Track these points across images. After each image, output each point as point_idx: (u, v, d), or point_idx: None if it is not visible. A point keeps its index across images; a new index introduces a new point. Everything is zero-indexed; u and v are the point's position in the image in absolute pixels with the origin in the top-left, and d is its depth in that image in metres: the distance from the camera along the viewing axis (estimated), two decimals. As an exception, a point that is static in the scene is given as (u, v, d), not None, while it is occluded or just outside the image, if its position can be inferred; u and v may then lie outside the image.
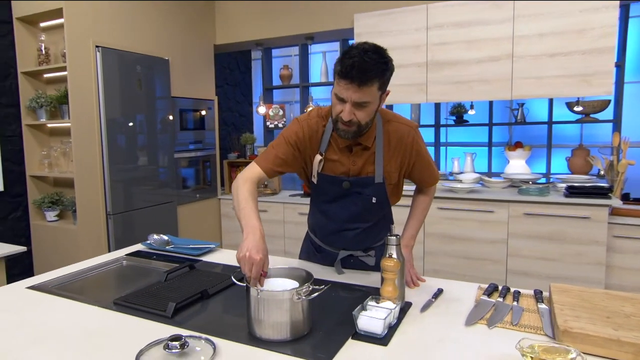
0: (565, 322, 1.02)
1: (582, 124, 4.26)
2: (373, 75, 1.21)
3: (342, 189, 1.45)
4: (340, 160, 1.44)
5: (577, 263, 2.96)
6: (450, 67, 3.26)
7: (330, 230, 1.57)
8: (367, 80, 1.21)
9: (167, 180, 3.52)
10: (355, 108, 1.26)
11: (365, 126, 1.32)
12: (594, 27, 2.88)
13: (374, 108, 1.30)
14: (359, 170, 1.44)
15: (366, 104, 1.26)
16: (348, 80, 1.22)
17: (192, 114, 3.81)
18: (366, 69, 1.20)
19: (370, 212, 1.50)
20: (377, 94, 1.27)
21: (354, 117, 1.28)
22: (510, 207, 3.09)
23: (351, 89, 1.23)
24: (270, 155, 1.43)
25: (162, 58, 3.46)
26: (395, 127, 1.43)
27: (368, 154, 1.43)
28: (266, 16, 3.99)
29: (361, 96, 1.23)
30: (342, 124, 1.31)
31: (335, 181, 1.45)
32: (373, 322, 1.07)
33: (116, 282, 1.65)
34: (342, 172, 1.45)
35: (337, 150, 1.44)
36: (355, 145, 1.41)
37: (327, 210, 1.54)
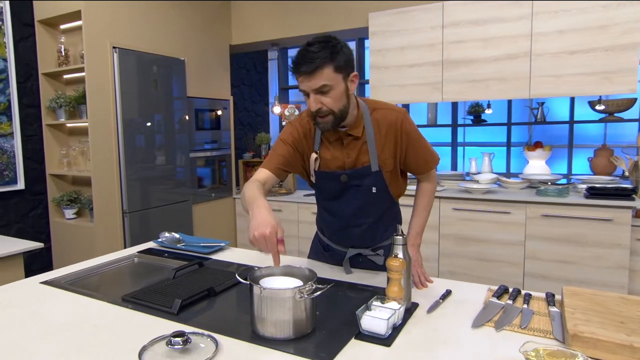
0: (575, 326, 0.99)
1: (606, 124, 4.15)
2: (320, 61, 1.23)
3: (340, 183, 1.46)
4: (334, 155, 1.45)
5: (598, 267, 2.87)
6: (467, 66, 3.20)
7: (336, 228, 1.56)
8: (316, 67, 1.23)
9: (183, 180, 3.57)
10: (319, 96, 1.28)
11: (340, 113, 1.32)
12: (617, 22, 2.79)
13: (339, 92, 1.29)
14: (354, 162, 1.44)
15: (327, 88, 1.27)
16: (299, 74, 1.27)
17: (208, 114, 3.85)
18: (310, 57, 1.24)
19: (372, 204, 1.49)
20: (335, 77, 1.27)
21: (322, 106, 1.29)
22: (527, 208, 3.02)
23: (305, 80, 1.26)
24: (272, 156, 1.46)
25: (178, 58, 3.50)
26: (382, 114, 1.43)
27: (360, 144, 1.43)
28: (281, 16, 4.00)
29: (316, 82, 1.25)
30: (317, 117, 1.32)
31: (332, 176, 1.46)
32: (376, 322, 1.05)
33: (127, 278, 1.67)
34: (337, 167, 1.46)
35: (329, 145, 1.45)
36: (345, 137, 1.42)
37: (330, 208, 1.54)
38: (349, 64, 1.30)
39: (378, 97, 3.56)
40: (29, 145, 3.15)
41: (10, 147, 3.01)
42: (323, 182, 1.49)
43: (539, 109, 4.06)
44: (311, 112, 1.32)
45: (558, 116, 4.25)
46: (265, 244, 1.08)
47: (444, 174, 3.75)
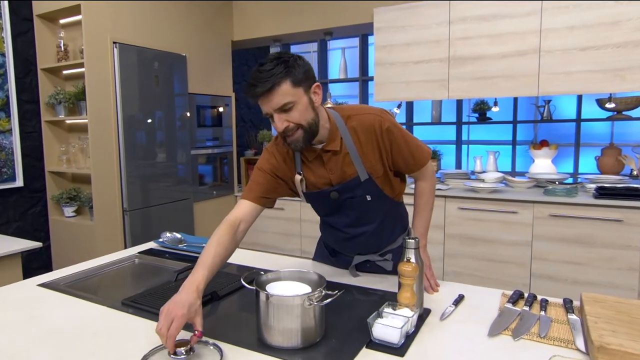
0: (601, 337, 0.93)
1: (613, 122, 4.08)
2: (275, 78, 1.15)
3: (332, 200, 1.38)
4: (317, 174, 1.36)
5: (608, 268, 2.81)
6: (473, 63, 3.14)
7: (340, 238, 1.51)
8: (272, 85, 1.15)
9: (184, 177, 3.51)
10: (283, 114, 1.19)
11: (309, 126, 1.23)
12: (630, 18, 2.72)
13: (303, 106, 1.20)
14: (340, 177, 1.35)
15: (289, 105, 1.18)
16: (257, 98, 1.18)
17: (209, 111, 3.79)
18: (262, 78, 1.16)
19: (371, 211, 1.42)
20: (295, 92, 1.18)
21: (289, 123, 1.20)
22: (535, 208, 2.96)
23: (264, 102, 1.18)
24: (252, 186, 1.38)
25: (180, 54, 3.44)
26: (358, 120, 1.34)
27: (341, 157, 1.34)
28: (284, 11, 3.94)
29: (276, 101, 1.17)
30: (286, 137, 1.23)
31: (322, 195, 1.38)
32: (389, 331, 1.00)
33: (127, 280, 1.62)
34: (324, 184, 1.37)
35: (310, 165, 1.36)
36: (324, 153, 1.33)
37: (329, 221, 1.49)
38: (308, 75, 1.22)
39: (383, 93, 3.50)
40: (27, 142, 3.09)
41: (8, 143, 2.95)
42: (314, 202, 1.43)
43: (545, 106, 4.00)
44: (280, 134, 1.24)
45: (564, 114, 4.19)
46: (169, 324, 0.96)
47: (449, 172, 3.69)
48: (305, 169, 1.37)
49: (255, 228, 4.10)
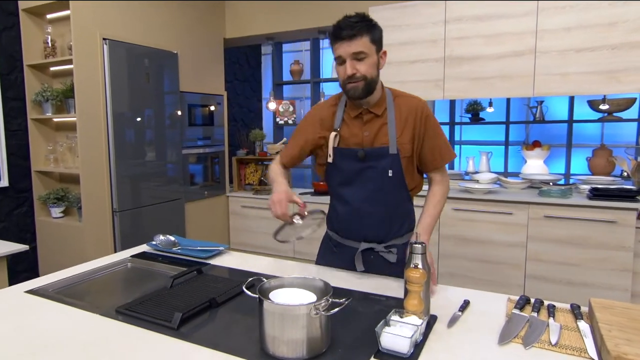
0: (617, 346, 0.91)
1: (603, 123, 4.12)
2: (359, 29, 1.34)
3: (357, 161, 1.47)
4: (352, 132, 1.48)
5: (601, 269, 2.82)
6: (469, 63, 3.13)
7: (349, 216, 1.53)
8: (355, 33, 1.33)
9: (175, 177, 3.44)
10: (355, 61, 1.36)
11: (371, 80, 1.39)
12: (626, 19, 2.73)
13: (372, 61, 1.38)
14: (372, 141, 1.47)
15: (363, 55, 1.35)
16: (339, 39, 1.35)
17: (200, 110, 3.72)
18: (351, 25, 1.34)
19: (387, 191, 1.48)
20: (371, 47, 1.37)
21: (357, 72, 1.36)
22: (530, 209, 2.96)
23: (344, 45, 1.35)
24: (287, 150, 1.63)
25: (171, 52, 3.37)
26: (405, 100, 1.50)
27: (379, 123, 1.46)
28: (278, 9, 3.88)
29: (355, 47, 1.34)
30: (349, 83, 1.39)
31: (350, 153, 1.47)
32: (398, 340, 0.96)
33: (120, 286, 1.56)
34: (355, 144, 1.48)
35: (350, 122, 1.50)
36: (366, 113, 1.47)
37: (344, 194, 1.52)
38: (381, 40, 1.41)
39: (377, 93, 3.47)
40: (13, 141, 3.00)
41: (-7, 142, 2.86)
42: (340, 161, 1.49)
43: (537, 107, 4.01)
44: (344, 79, 1.39)
45: (556, 115, 4.21)
46: (278, 206, 1.31)
47: (444, 173, 3.68)
48: (344, 126, 1.50)
49: (245, 228, 4.05)
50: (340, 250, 1.59)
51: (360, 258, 1.52)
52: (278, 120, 4.90)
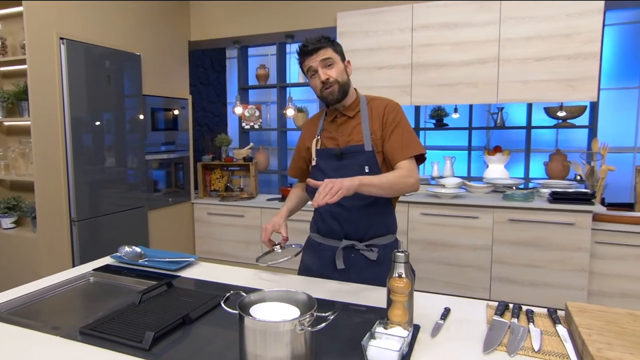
0: (599, 350, 0.92)
1: (558, 129, 4.31)
2: (323, 43, 1.50)
3: (335, 160, 1.57)
4: (330, 136, 1.61)
5: (561, 270, 2.93)
6: (436, 69, 3.19)
7: (330, 214, 1.58)
8: (319, 46, 1.49)
9: (138, 184, 3.30)
10: (325, 68, 1.50)
11: (343, 83, 1.53)
12: (580, 31, 2.86)
13: (341, 67, 1.53)
14: (347, 140, 1.57)
15: (330, 61, 1.51)
16: (307, 54, 1.51)
17: (164, 114, 3.59)
18: (314, 41, 1.50)
19: None
20: (336, 56, 1.52)
21: (329, 77, 1.50)
22: (495, 212, 3.04)
23: (312, 57, 1.51)
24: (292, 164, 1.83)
25: (134, 53, 3.23)
26: (377, 102, 1.61)
27: (353, 124, 1.58)
28: (245, 12, 3.82)
29: (322, 55, 1.49)
30: (325, 89, 1.52)
31: (328, 153, 1.60)
32: (386, 354, 0.94)
33: (82, 304, 1.45)
34: (333, 145, 1.60)
35: (327, 128, 1.63)
36: (340, 116, 1.60)
37: None
38: (343, 52, 1.57)
39: (346, 99, 3.48)
40: (-43, 146, 2.78)
41: None
42: (321, 162, 1.61)
43: (498, 113, 4.15)
44: (320, 87, 1.52)
45: (515, 121, 4.36)
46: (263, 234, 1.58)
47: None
48: (324, 132, 1.64)
49: (211, 236, 3.94)
50: (321, 249, 1.63)
51: (341, 255, 1.56)
52: (244, 125, 4.81)
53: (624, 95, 4.03)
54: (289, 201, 1.75)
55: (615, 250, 2.87)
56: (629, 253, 2.84)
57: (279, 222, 1.61)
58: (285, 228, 1.61)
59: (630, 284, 2.86)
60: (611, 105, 3.93)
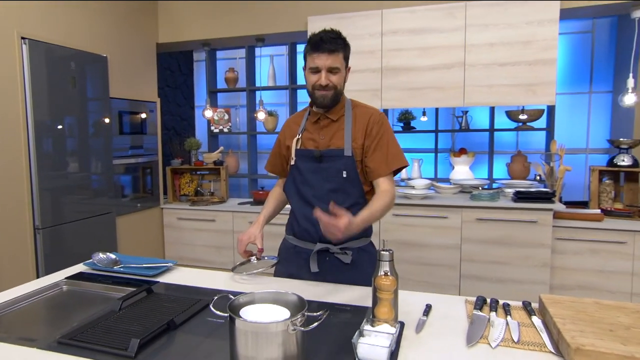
0: (574, 338, 0.98)
1: (518, 132, 4.50)
2: (338, 45, 1.49)
3: (314, 162, 1.57)
4: (311, 137, 1.60)
5: (525, 266, 3.06)
6: (405, 73, 3.27)
7: (306, 216, 1.58)
8: (334, 48, 1.48)
9: (105, 189, 3.19)
10: (329, 73, 1.50)
11: (339, 91, 1.54)
12: (538, 39, 3.01)
13: (342, 76, 1.54)
14: (327, 143, 1.57)
15: (337, 70, 1.50)
16: (319, 51, 1.47)
17: (132, 117, 3.50)
18: (331, 40, 1.47)
19: (344, 191, 1.55)
20: (343, 63, 1.53)
21: (330, 82, 1.50)
22: (463, 212, 3.14)
23: (322, 57, 1.47)
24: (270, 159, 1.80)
25: (100, 55, 3.13)
26: (362, 109, 1.62)
27: (335, 128, 1.58)
28: (214, 15, 3.78)
29: (332, 62, 1.48)
30: (319, 91, 1.51)
31: (307, 154, 1.59)
32: (377, 351, 0.96)
33: (57, 313, 1.40)
34: (313, 147, 1.60)
35: (309, 128, 1.62)
36: (324, 119, 1.59)
37: (303, 193, 1.60)
38: (349, 59, 1.57)
39: (317, 102, 3.50)
40: None
41: None
42: (300, 162, 1.60)
43: (463, 117, 4.29)
44: (317, 86, 1.51)
45: (478, 124, 4.53)
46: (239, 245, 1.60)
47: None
48: (305, 132, 1.63)
49: (181, 241, 3.86)
50: (296, 252, 1.63)
51: (315, 258, 1.57)
52: (213, 128, 4.75)
53: (576, 100, 4.27)
54: (266, 208, 1.73)
55: (574, 245, 3.03)
56: (585, 248, 3.00)
57: (255, 234, 1.61)
58: (260, 239, 1.61)
59: (586, 277, 3.02)
60: (565, 109, 4.16)
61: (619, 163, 3.27)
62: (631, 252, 2.96)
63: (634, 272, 2.96)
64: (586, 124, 4.39)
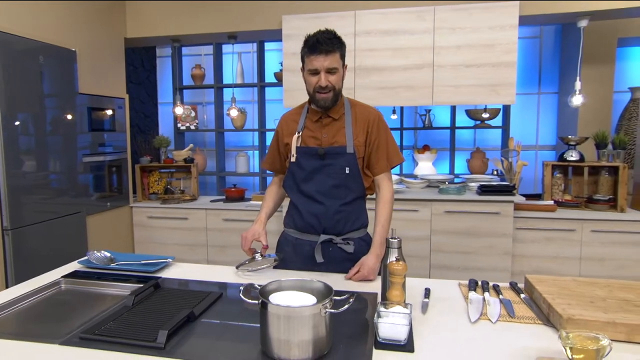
0: (564, 310, 1.12)
1: (476, 130, 4.78)
2: (335, 46, 1.53)
3: (317, 159, 1.62)
4: (313, 135, 1.65)
5: (489, 254, 3.28)
6: (378, 73, 3.39)
7: (310, 210, 1.65)
8: (331, 49, 1.52)
9: (75, 188, 3.08)
10: (328, 74, 1.55)
11: (338, 91, 1.60)
12: (500, 43, 3.23)
13: (340, 75, 1.59)
14: (330, 141, 1.63)
15: (335, 70, 1.56)
16: (317, 52, 1.52)
17: (101, 114, 3.39)
18: (327, 41, 1.51)
19: (346, 186, 1.63)
20: (340, 62, 1.57)
21: (329, 83, 1.55)
22: (432, 205, 3.32)
23: (320, 58, 1.52)
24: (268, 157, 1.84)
25: (69, 49, 3.01)
26: (361, 108, 1.69)
27: (337, 126, 1.64)
28: (186, 10, 3.72)
29: (330, 62, 1.53)
30: (320, 93, 1.57)
31: (311, 151, 1.64)
32: (398, 329, 1.05)
33: (63, 311, 1.38)
34: (315, 144, 1.65)
35: (311, 125, 1.66)
36: (325, 117, 1.65)
37: (306, 189, 1.65)
38: (345, 57, 1.61)
39: (291, 100, 3.56)
40: None
41: None
42: (302, 159, 1.65)
43: (426, 115, 4.50)
44: (317, 88, 1.56)
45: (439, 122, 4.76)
46: (242, 242, 1.64)
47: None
48: (305, 129, 1.67)
49: (152, 240, 3.79)
50: (299, 244, 1.70)
51: (320, 250, 1.64)
52: (179, 125, 4.68)
53: (526, 100, 4.61)
54: (266, 205, 1.78)
55: (531, 234, 3.28)
56: (541, 236, 3.27)
57: (259, 231, 1.65)
58: (265, 236, 1.65)
59: (542, 263, 3.29)
60: (517, 108, 4.47)
61: (568, 158, 3.57)
62: (579, 239, 3.25)
63: (581, 257, 3.26)
64: (536, 122, 4.74)
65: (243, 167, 4.64)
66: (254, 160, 4.92)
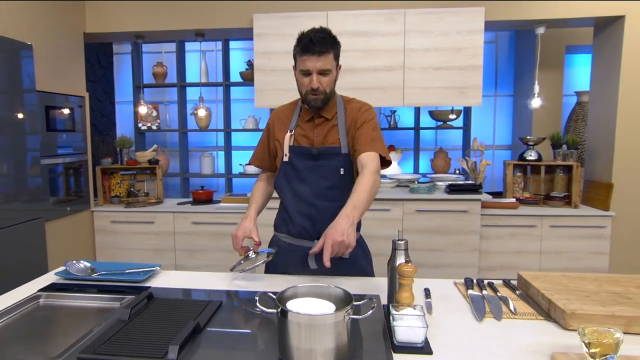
0: (565, 305, 1.17)
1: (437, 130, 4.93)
2: (328, 46, 1.48)
3: (310, 159, 1.59)
4: (305, 134, 1.61)
5: (458, 251, 3.39)
6: (350, 74, 3.40)
7: (303, 213, 1.60)
8: (325, 50, 1.47)
9: (32, 192, 2.86)
10: (320, 76, 1.50)
11: (329, 94, 1.56)
12: (467, 47, 3.35)
13: (333, 76, 1.54)
14: (322, 141, 1.60)
15: (327, 72, 1.50)
16: (309, 53, 1.47)
17: (59, 113, 3.17)
18: (321, 41, 1.46)
19: (340, 187, 1.59)
20: (333, 63, 1.52)
21: (320, 86, 1.50)
22: (404, 205, 3.38)
23: (313, 59, 1.47)
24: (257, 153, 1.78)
25: (25, 43, 2.79)
26: (354, 104, 1.64)
27: (329, 126, 1.60)
28: (151, 5, 3.56)
29: (323, 64, 1.48)
30: (311, 95, 1.52)
31: (304, 151, 1.60)
32: (416, 332, 1.05)
33: (46, 330, 1.27)
34: (308, 143, 1.61)
35: (303, 125, 1.62)
36: (317, 117, 1.61)
37: (299, 191, 1.61)
38: (339, 55, 1.56)
39: (263, 100, 3.50)
40: None
41: None
42: (295, 159, 1.61)
43: (391, 116, 4.58)
44: (308, 90, 1.51)
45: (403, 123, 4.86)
46: (234, 241, 1.54)
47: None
48: (297, 128, 1.63)
49: (115, 246, 3.61)
50: (292, 250, 1.64)
51: (314, 256, 1.57)
52: (141, 125, 4.48)
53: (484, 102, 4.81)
54: (255, 201, 1.70)
55: (496, 231, 3.43)
56: (505, 232, 3.42)
57: (250, 227, 1.57)
58: (256, 232, 1.57)
59: (507, 258, 3.45)
60: (476, 110, 4.65)
61: (528, 157, 3.76)
62: (539, 234, 3.43)
63: (542, 251, 3.45)
64: (492, 123, 4.96)
65: (208, 168, 4.52)
66: (218, 161, 4.80)
